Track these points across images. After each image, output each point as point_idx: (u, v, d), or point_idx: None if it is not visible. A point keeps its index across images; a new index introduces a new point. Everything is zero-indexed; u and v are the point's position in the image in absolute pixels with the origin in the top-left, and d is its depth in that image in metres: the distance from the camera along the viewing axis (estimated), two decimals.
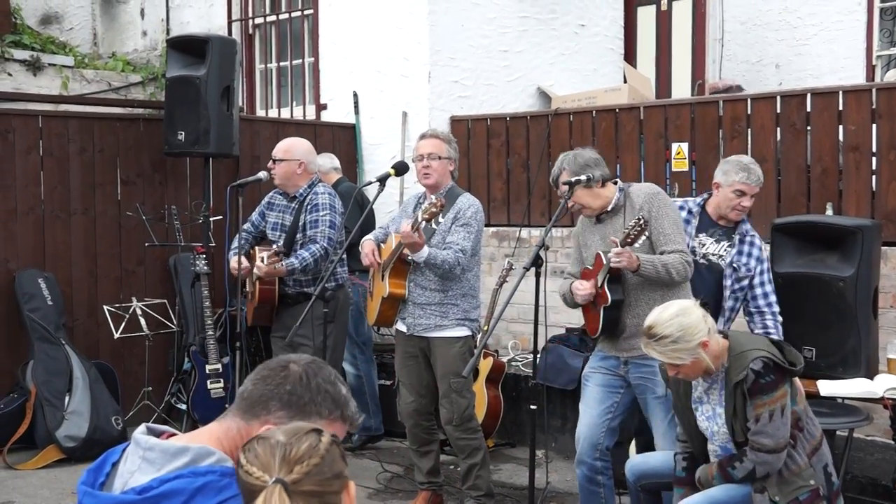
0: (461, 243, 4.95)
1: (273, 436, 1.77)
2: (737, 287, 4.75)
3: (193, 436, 2.00)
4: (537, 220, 7.43)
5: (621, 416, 4.58)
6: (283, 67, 9.38)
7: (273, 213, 5.82)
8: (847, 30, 8.65)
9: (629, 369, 4.44)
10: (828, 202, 6.09)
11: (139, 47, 10.86)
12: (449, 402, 5.06)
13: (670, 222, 4.38)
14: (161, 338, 6.90)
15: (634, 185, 4.56)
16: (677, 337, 3.61)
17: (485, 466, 5.15)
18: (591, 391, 4.58)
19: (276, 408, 1.98)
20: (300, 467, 1.71)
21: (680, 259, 4.29)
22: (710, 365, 3.67)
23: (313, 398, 2.00)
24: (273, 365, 2.03)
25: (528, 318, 4.66)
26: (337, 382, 2.06)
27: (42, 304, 6.47)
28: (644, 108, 7.09)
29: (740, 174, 4.70)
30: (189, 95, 6.62)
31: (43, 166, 6.73)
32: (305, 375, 2.01)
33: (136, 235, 6.95)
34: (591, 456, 4.54)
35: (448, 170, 5.13)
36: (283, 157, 5.67)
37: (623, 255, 4.16)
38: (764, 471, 3.64)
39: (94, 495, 1.91)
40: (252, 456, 1.76)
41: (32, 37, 10.16)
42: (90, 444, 6.09)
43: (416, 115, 7.91)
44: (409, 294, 5.07)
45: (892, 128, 5.90)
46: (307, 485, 1.70)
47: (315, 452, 1.73)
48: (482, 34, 8.14)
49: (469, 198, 5.14)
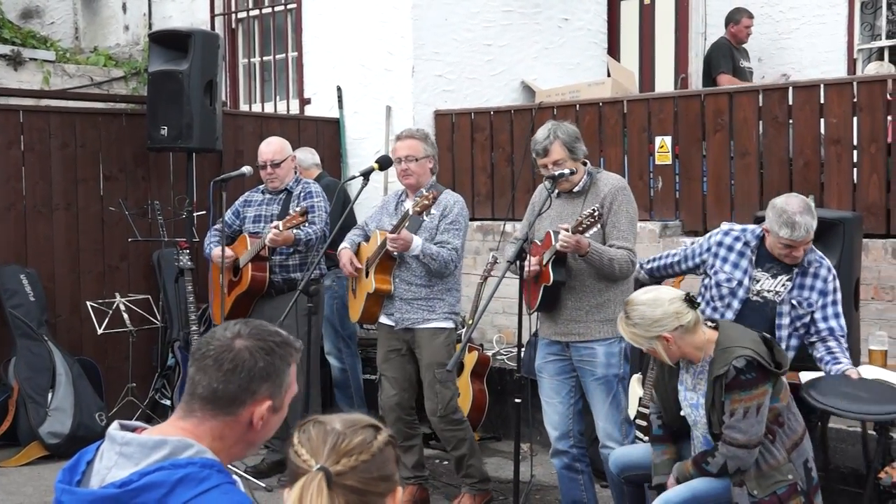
0: (452, 241, 5.04)
1: (331, 422, 1.74)
2: (798, 324, 4.33)
3: (162, 430, 1.97)
4: (521, 213, 7.39)
5: (582, 398, 4.64)
6: (266, 62, 9.35)
7: (252, 209, 5.92)
8: (828, 23, 8.68)
9: (571, 352, 4.53)
10: (810, 194, 6.11)
11: (121, 42, 10.80)
12: (433, 394, 5.10)
13: (628, 219, 4.44)
14: (145, 333, 6.87)
15: (604, 173, 4.61)
16: (636, 323, 3.75)
17: (474, 456, 5.23)
18: (547, 383, 4.67)
19: (261, 388, 1.98)
20: (347, 460, 1.67)
21: (627, 256, 4.36)
22: (667, 358, 3.77)
23: (277, 355, 2.00)
24: (219, 354, 1.96)
25: (513, 312, 4.68)
26: (269, 326, 2.06)
27: (24, 301, 6.43)
28: (627, 102, 7.11)
29: (783, 230, 4.15)
30: (172, 90, 6.58)
31: (24, 161, 6.68)
32: (259, 343, 1.99)
33: (118, 231, 6.91)
34: (565, 444, 4.63)
35: (427, 168, 5.19)
36: (281, 157, 5.82)
37: (571, 241, 4.20)
38: (735, 465, 3.67)
39: (72, 492, 1.90)
40: (304, 438, 1.72)
41: (13, 31, 10.09)
42: (74, 441, 6.06)
43: (400, 109, 7.90)
44: (395, 289, 5.09)
45: (872, 121, 5.94)
46: (350, 479, 1.66)
47: (367, 448, 1.69)
48: (466, 28, 8.13)
49: (452, 195, 5.23)
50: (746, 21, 8.52)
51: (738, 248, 4.37)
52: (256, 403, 1.97)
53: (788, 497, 3.68)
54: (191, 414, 1.98)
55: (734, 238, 4.39)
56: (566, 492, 4.72)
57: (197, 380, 1.98)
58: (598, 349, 4.45)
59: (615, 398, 4.50)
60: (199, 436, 1.95)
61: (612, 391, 4.45)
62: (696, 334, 3.75)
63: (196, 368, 1.99)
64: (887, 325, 5.51)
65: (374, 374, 6.98)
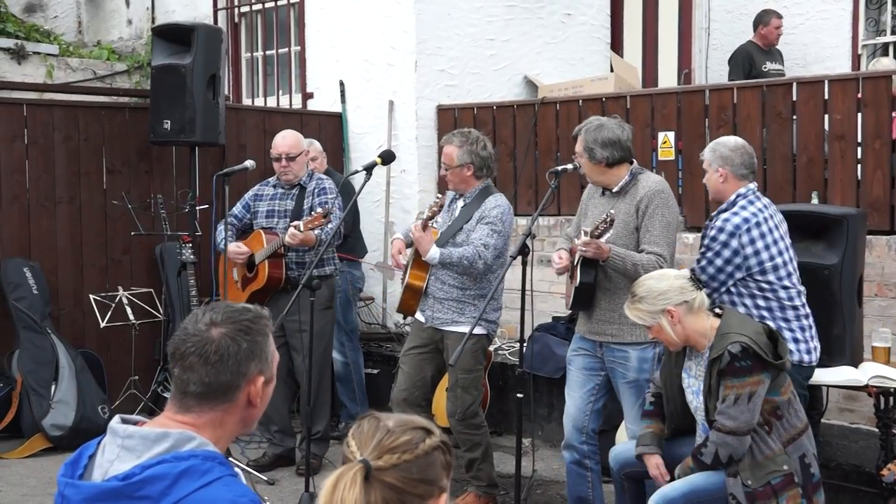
0: (483, 239, 4.95)
1: (386, 419, 1.74)
2: None
3: (162, 423, 1.97)
4: (524, 208, 7.43)
5: (604, 398, 4.64)
6: (269, 56, 9.34)
7: (264, 203, 5.87)
8: (833, 19, 8.67)
9: (604, 352, 4.52)
10: (813, 191, 6.11)
11: (124, 36, 10.80)
12: (454, 396, 5.10)
13: (663, 224, 4.40)
14: (147, 327, 6.89)
15: (646, 174, 4.56)
16: (642, 297, 3.80)
17: (486, 461, 5.21)
18: (574, 375, 4.66)
19: (250, 367, 1.98)
20: (390, 457, 1.67)
21: (654, 262, 4.31)
22: (673, 336, 3.78)
23: (255, 331, 2.01)
24: (201, 349, 1.96)
25: (515, 307, 4.67)
26: (235, 305, 2.08)
27: (27, 293, 6.44)
28: (630, 97, 7.10)
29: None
30: (175, 84, 6.58)
31: (28, 155, 6.69)
32: (235, 327, 1.99)
33: (121, 224, 6.92)
34: (577, 439, 4.61)
35: (465, 175, 5.08)
36: (297, 151, 5.80)
37: (590, 246, 4.23)
38: (726, 453, 3.67)
39: (75, 486, 1.90)
40: (357, 430, 1.73)
41: (16, 25, 10.09)
42: (76, 433, 6.07)
43: (403, 103, 7.90)
44: (428, 287, 5.10)
45: (877, 117, 5.92)
46: (390, 476, 1.65)
47: (412, 449, 1.69)
48: (469, 23, 8.12)
49: (498, 198, 5.09)
50: (776, 22, 8.21)
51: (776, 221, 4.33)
52: (250, 383, 1.99)
53: (783, 488, 3.67)
54: (187, 410, 1.97)
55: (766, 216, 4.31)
56: (573, 487, 4.72)
57: (185, 378, 1.97)
58: (632, 353, 4.43)
59: (645, 402, 4.49)
60: (200, 427, 1.95)
61: (642, 395, 4.42)
62: (700, 317, 3.77)
63: (181, 368, 1.97)
64: (891, 321, 5.51)
65: (374, 368, 7.02)
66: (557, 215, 7.16)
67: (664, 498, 3.80)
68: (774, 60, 8.29)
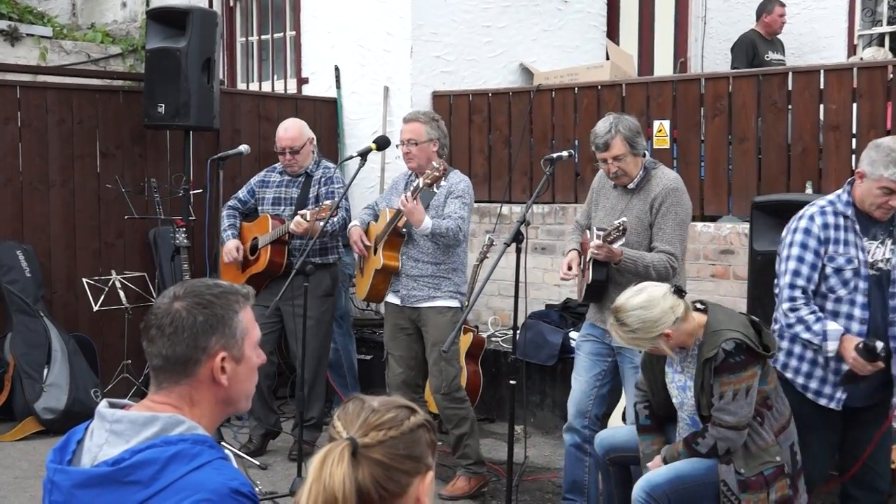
0: (458, 212, 5.07)
1: (369, 400, 1.76)
2: None
3: (147, 406, 1.97)
4: (518, 196, 7.43)
5: (611, 384, 4.67)
6: (264, 41, 9.31)
7: (270, 190, 5.90)
8: (829, 8, 8.66)
9: (612, 339, 4.51)
10: (808, 181, 6.12)
11: (118, 18, 10.73)
12: (438, 371, 5.15)
13: (675, 222, 4.42)
14: (140, 311, 6.87)
15: (660, 169, 4.55)
16: (636, 328, 3.74)
17: (473, 436, 5.27)
18: (581, 360, 4.69)
19: (209, 342, 1.97)
20: (376, 434, 1.69)
21: (665, 261, 4.36)
22: (669, 350, 3.78)
23: (217, 305, 1.99)
24: (159, 321, 1.98)
25: (509, 294, 4.68)
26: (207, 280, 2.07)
27: (20, 276, 6.43)
28: (626, 86, 7.09)
29: (891, 169, 3.73)
30: (169, 68, 6.55)
31: (21, 137, 6.67)
32: (195, 300, 1.99)
33: (115, 208, 6.90)
34: (580, 423, 4.65)
35: (430, 151, 5.18)
36: (300, 143, 5.78)
37: (602, 250, 4.29)
38: (725, 446, 3.71)
39: (65, 471, 1.89)
40: (342, 412, 1.75)
41: (10, 6, 10.02)
42: (69, 417, 6.07)
43: (398, 90, 7.88)
44: (402, 266, 5.12)
45: (872, 107, 5.93)
46: (377, 453, 1.67)
47: (397, 425, 1.70)
48: (465, 9, 8.10)
49: (459, 174, 5.27)
50: (780, 10, 8.12)
51: (841, 224, 3.92)
52: (211, 358, 1.97)
53: (775, 479, 3.72)
54: (159, 388, 1.99)
55: (833, 213, 3.93)
56: (570, 470, 4.74)
57: (150, 352, 1.99)
58: None
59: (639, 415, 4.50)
60: (175, 405, 1.95)
61: None
62: (688, 321, 3.77)
63: (147, 342, 2.00)
64: None
65: (367, 354, 7.01)
66: (552, 203, 7.16)
67: (650, 483, 3.82)
68: (777, 50, 8.25)
